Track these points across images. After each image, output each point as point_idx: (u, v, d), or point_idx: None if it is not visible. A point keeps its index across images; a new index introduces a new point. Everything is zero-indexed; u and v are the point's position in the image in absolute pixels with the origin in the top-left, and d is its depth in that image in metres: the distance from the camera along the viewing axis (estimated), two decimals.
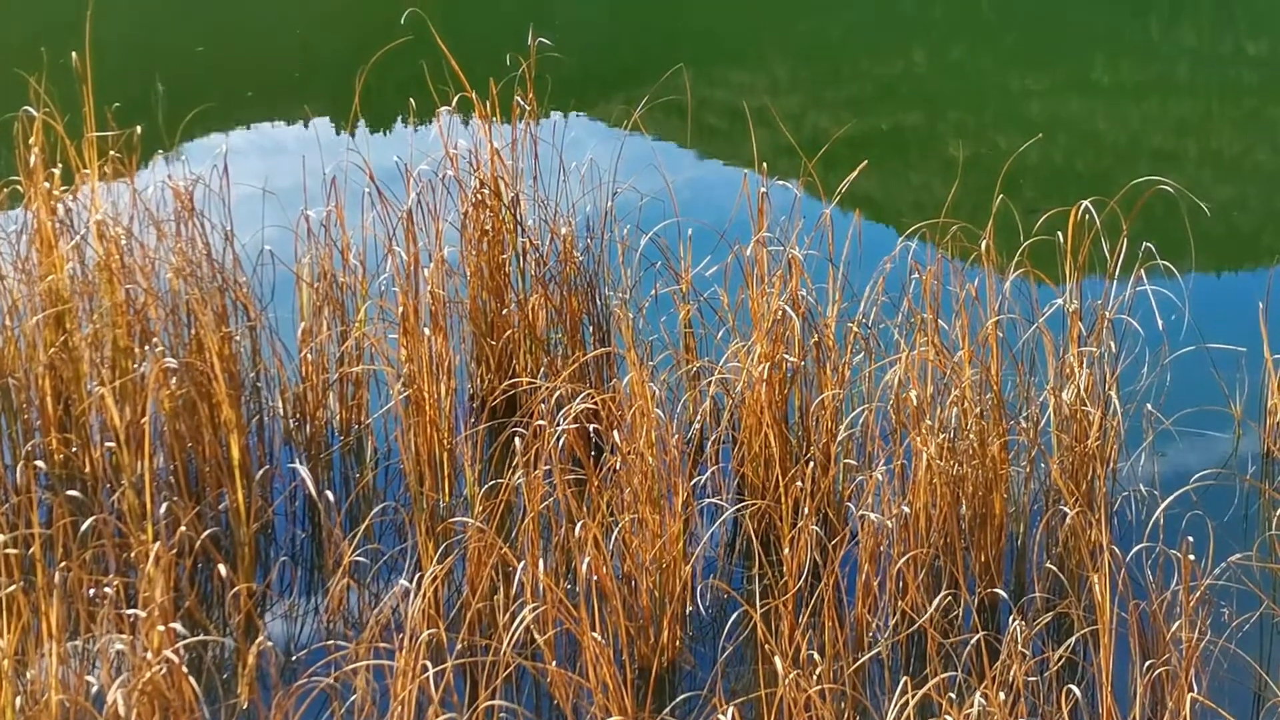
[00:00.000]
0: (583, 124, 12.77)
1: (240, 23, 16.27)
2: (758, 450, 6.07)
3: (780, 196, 6.78)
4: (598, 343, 7.01)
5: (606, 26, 17.36)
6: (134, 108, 7.61)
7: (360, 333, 6.64)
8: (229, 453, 6.02)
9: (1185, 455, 6.60)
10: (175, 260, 6.54)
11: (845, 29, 17.46)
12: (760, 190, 6.47)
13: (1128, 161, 12.93)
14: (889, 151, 13.05)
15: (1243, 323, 6.99)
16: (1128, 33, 16.97)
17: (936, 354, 5.89)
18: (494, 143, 7.03)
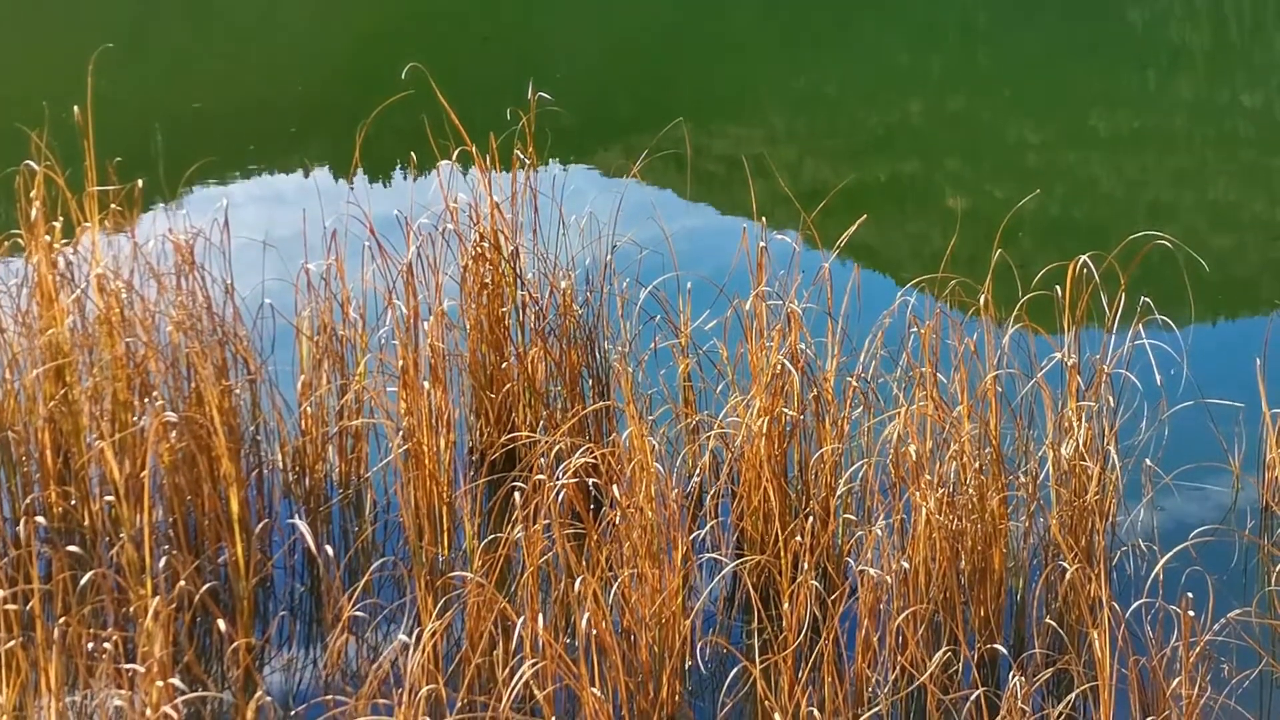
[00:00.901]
0: (582, 174, 12.81)
1: (239, 78, 16.34)
2: (757, 504, 6.08)
3: (779, 247, 6.81)
4: (597, 396, 7.02)
5: (605, 78, 17.42)
6: (135, 161, 7.62)
7: (360, 386, 6.65)
8: (228, 506, 6.02)
9: (1184, 509, 6.60)
10: (175, 313, 6.55)
11: (842, 82, 17.52)
12: (760, 244, 6.49)
13: (1125, 212, 12.97)
14: (886, 201, 13.09)
15: (1241, 374, 7.01)
16: (1124, 84, 17.04)
17: (935, 408, 5.89)
18: (494, 196, 7.05)
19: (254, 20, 19.65)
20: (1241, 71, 17.80)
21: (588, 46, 18.94)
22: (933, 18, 20.54)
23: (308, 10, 20.73)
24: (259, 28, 19.16)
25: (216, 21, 19.55)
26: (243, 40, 18.34)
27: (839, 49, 18.87)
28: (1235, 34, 19.50)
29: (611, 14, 20.64)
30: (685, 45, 18.97)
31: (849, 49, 18.90)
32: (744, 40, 19.38)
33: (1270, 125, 15.64)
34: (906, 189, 13.71)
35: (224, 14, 20.18)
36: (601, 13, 20.77)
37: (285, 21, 19.98)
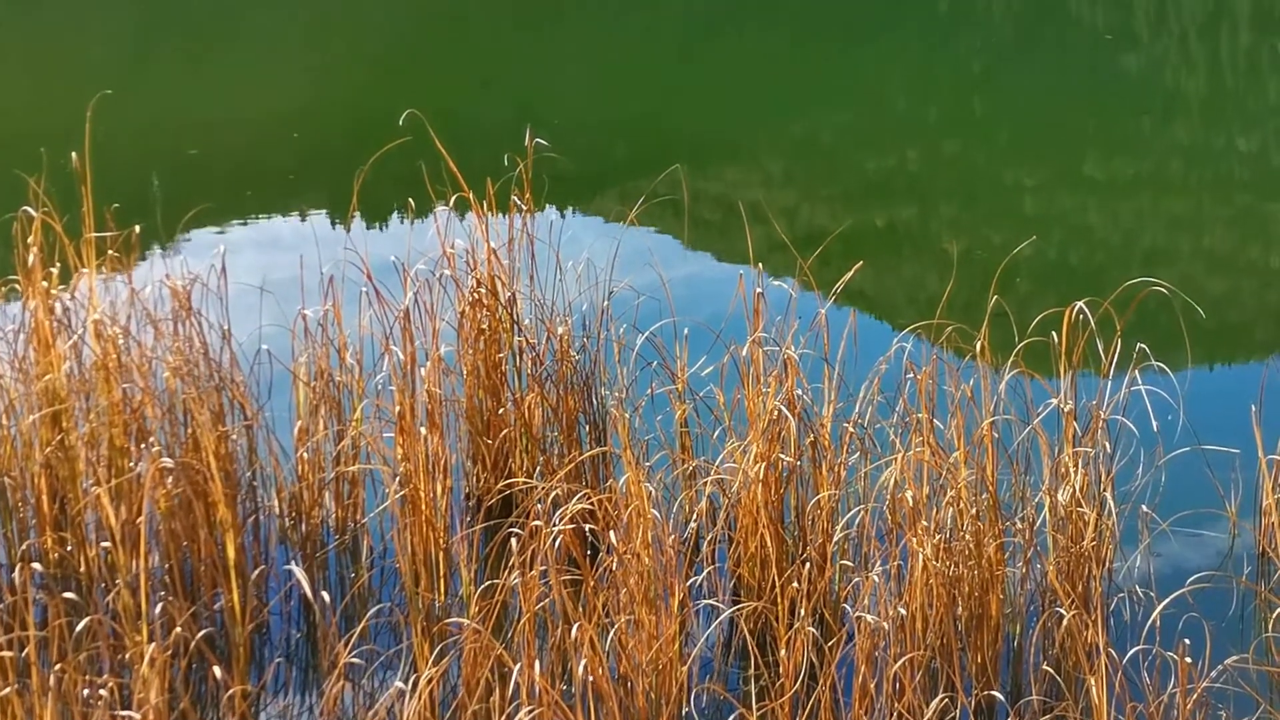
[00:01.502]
0: (579, 220, 12.84)
1: (235, 125, 16.38)
2: (754, 550, 6.08)
3: (776, 293, 6.82)
4: (594, 442, 7.02)
5: (602, 123, 17.47)
6: (132, 207, 7.64)
7: (357, 432, 6.65)
8: (224, 552, 6.01)
9: (1181, 555, 6.60)
10: (172, 359, 6.55)
11: (839, 127, 17.57)
12: (756, 290, 6.50)
13: (1121, 257, 12.99)
14: (883, 246, 13.11)
15: (1237, 420, 7.00)
16: (1120, 129, 17.09)
17: (932, 454, 5.90)
18: (491, 242, 7.07)
19: (251, 66, 19.71)
20: (1237, 117, 17.86)
21: (585, 91, 19.00)
22: (929, 64, 20.62)
23: (305, 55, 20.80)
24: (256, 73, 19.23)
25: (213, 67, 19.61)
26: (239, 86, 18.39)
27: (836, 94, 18.92)
28: (1230, 79, 19.59)
29: (609, 59, 20.71)
30: (682, 90, 19.04)
31: (846, 94, 18.96)
32: (741, 85, 19.46)
33: (1266, 170, 15.69)
34: (903, 234, 13.74)
35: (220, 60, 20.24)
36: (599, 58, 20.85)
37: (282, 66, 20.05)
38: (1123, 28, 22.56)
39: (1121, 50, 21.26)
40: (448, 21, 22.93)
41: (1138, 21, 23.02)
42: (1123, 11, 23.75)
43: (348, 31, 22.53)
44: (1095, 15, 23.44)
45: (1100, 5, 24.06)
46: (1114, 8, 23.99)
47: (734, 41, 21.87)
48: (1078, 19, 23.51)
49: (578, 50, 21.28)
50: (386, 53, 20.91)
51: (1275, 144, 16.65)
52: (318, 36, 22.20)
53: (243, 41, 21.57)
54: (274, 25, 22.94)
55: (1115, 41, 21.66)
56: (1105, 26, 22.68)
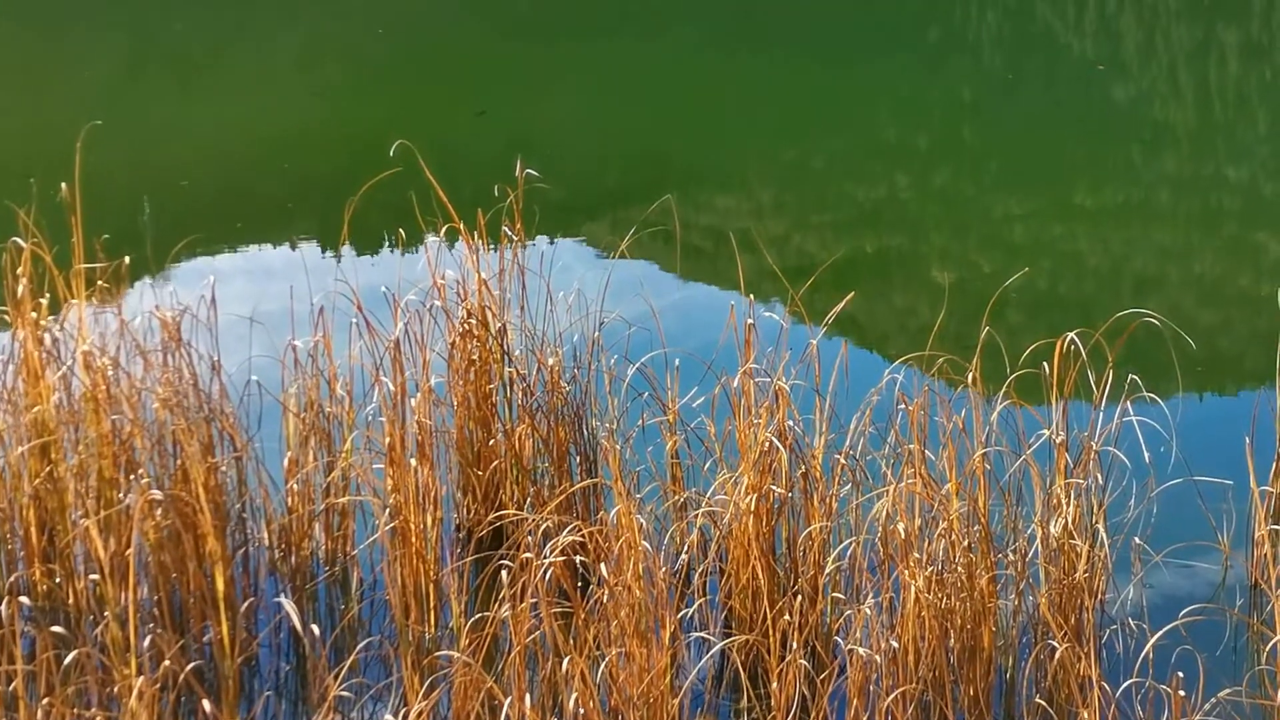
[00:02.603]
0: (570, 248, 12.83)
1: (227, 155, 16.36)
2: (745, 582, 6.06)
3: (767, 324, 6.81)
4: (584, 473, 7.01)
5: (593, 151, 17.48)
6: (122, 237, 7.63)
7: (347, 463, 6.63)
8: (214, 584, 5.99)
9: (1173, 586, 6.59)
10: (162, 390, 6.53)
11: (829, 156, 17.58)
12: (747, 321, 6.50)
13: (1111, 286, 13.00)
14: (873, 275, 13.10)
15: (1228, 450, 6.99)
16: (1109, 158, 17.11)
17: (924, 486, 5.89)
18: (481, 273, 7.06)
19: (241, 95, 19.71)
20: (1226, 146, 17.90)
21: (576, 118, 19.01)
22: (919, 92, 20.65)
23: (296, 83, 20.80)
24: (246, 102, 19.22)
25: (203, 97, 19.60)
26: (230, 116, 18.37)
27: (826, 122, 18.94)
28: (1219, 110, 19.64)
29: (600, 87, 20.73)
30: (673, 118, 19.06)
31: (836, 122, 18.98)
32: (731, 113, 19.47)
33: (1255, 199, 15.72)
34: (894, 263, 13.73)
35: (211, 89, 20.24)
36: (590, 85, 20.87)
37: (273, 95, 20.06)
38: (1112, 57, 22.60)
39: (1111, 81, 21.30)
40: (437, 48, 22.94)
41: (1126, 51, 23.07)
42: (1111, 41, 23.81)
43: (339, 59, 22.55)
44: (1084, 45, 23.50)
45: (1089, 35, 24.12)
46: (1103, 37, 24.06)
47: (724, 69, 21.89)
48: (1066, 48, 23.58)
49: (569, 77, 21.29)
50: (378, 80, 20.92)
51: (1264, 174, 16.68)
52: (309, 64, 22.21)
53: (233, 70, 21.57)
54: (264, 54, 22.96)
55: (1106, 71, 21.69)
56: (1095, 56, 22.74)
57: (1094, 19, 25.42)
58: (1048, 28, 25.11)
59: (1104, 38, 24.09)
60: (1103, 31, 24.57)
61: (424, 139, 7.84)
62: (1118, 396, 6.31)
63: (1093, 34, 24.21)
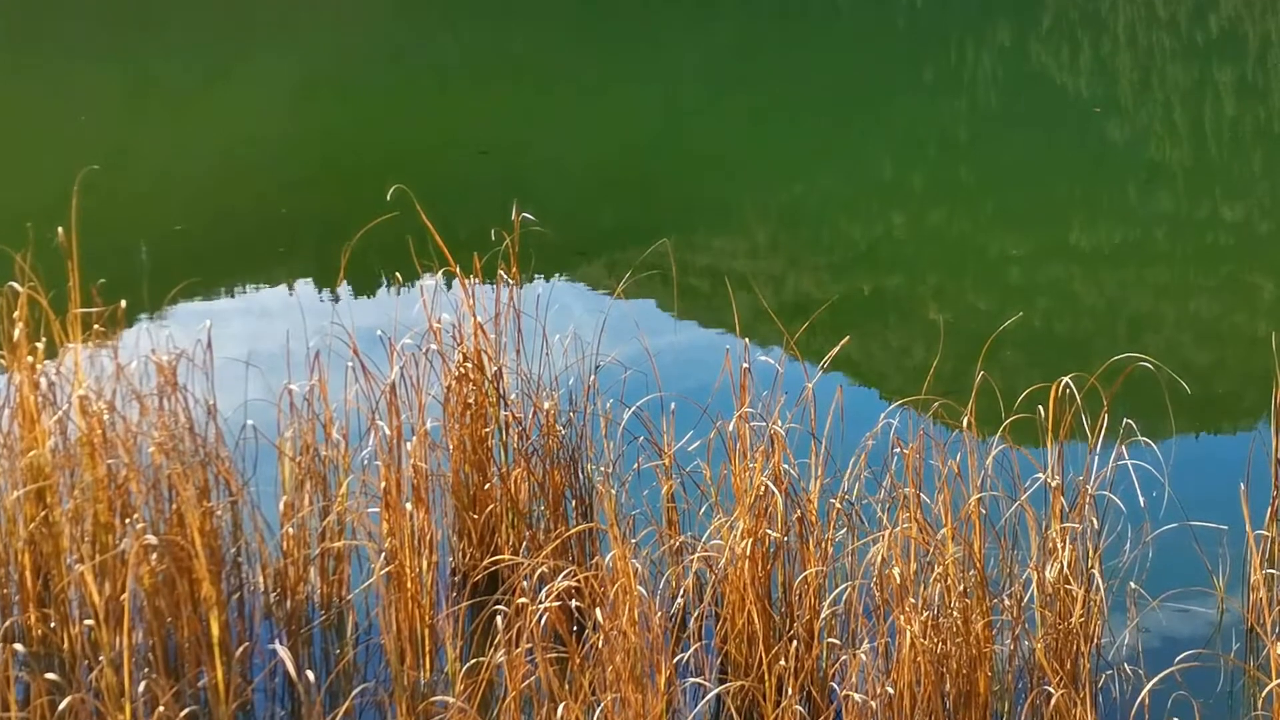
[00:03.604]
0: (566, 288, 12.85)
1: (223, 198, 16.38)
2: (741, 627, 6.05)
3: (763, 367, 6.81)
4: (580, 517, 7.00)
5: (589, 190, 17.52)
6: (119, 281, 7.64)
7: (342, 507, 6.63)
8: (209, 629, 5.98)
9: (1169, 630, 6.58)
10: (157, 434, 6.53)
11: (825, 195, 17.62)
12: (743, 365, 6.50)
13: (1107, 326, 13.02)
14: (869, 314, 13.12)
15: (1224, 492, 7.00)
16: (1105, 198, 17.15)
17: (919, 530, 5.88)
18: (477, 316, 7.07)
19: (238, 135, 19.75)
20: (1221, 186, 17.94)
21: (573, 158, 19.06)
22: (914, 132, 20.71)
23: (293, 121, 20.84)
24: (243, 144, 19.26)
25: (200, 138, 19.64)
26: (226, 157, 18.41)
27: (822, 162, 19.00)
28: (1214, 150, 19.69)
29: (597, 127, 20.78)
30: (669, 158, 19.12)
31: (832, 163, 19.04)
32: (727, 153, 19.52)
33: (1250, 239, 15.75)
34: (890, 302, 13.75)
35: (207, 130, 20.27)
36: (587, 125, 20.92)
37: (270, 134, 20.09)
38: (1107, 97, 22.68)
39: (1106, 121, 21.35)
40: (432, 85, 23.01)
41: (1122, 91, 23.15)
42: (1107, 81, 23.90)
43: (336, 95, 22.60)
44: (1079, 85, 23.58)
45: (1084, 75, 24.21)
46: (1098, 77, 24.15)
47: (720, 108, 21.96)
48: (1062, 88, 23.65)
49: (564, 116, 21.35)
50: (375, 118, 20.96)
51: (1259, 213, 16.71)
52: (305, 103, 22.26)
53: (230, 109, 21.61)
54: (261, 93, 23.00)
55: (1103, 113, 21.76)
56: (1090, 96, 22.81)
57: (1089, 59, 25.51)
58: (1042, 68, 25.20)
59: (1099, 78, 24.18)
60: (1098, 72, 24.66)
61: (421, 178, 7.86)
62: (1113, 438, 6.31)
63: (1088, 74, 24.30)
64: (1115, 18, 29.16)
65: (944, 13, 29.85)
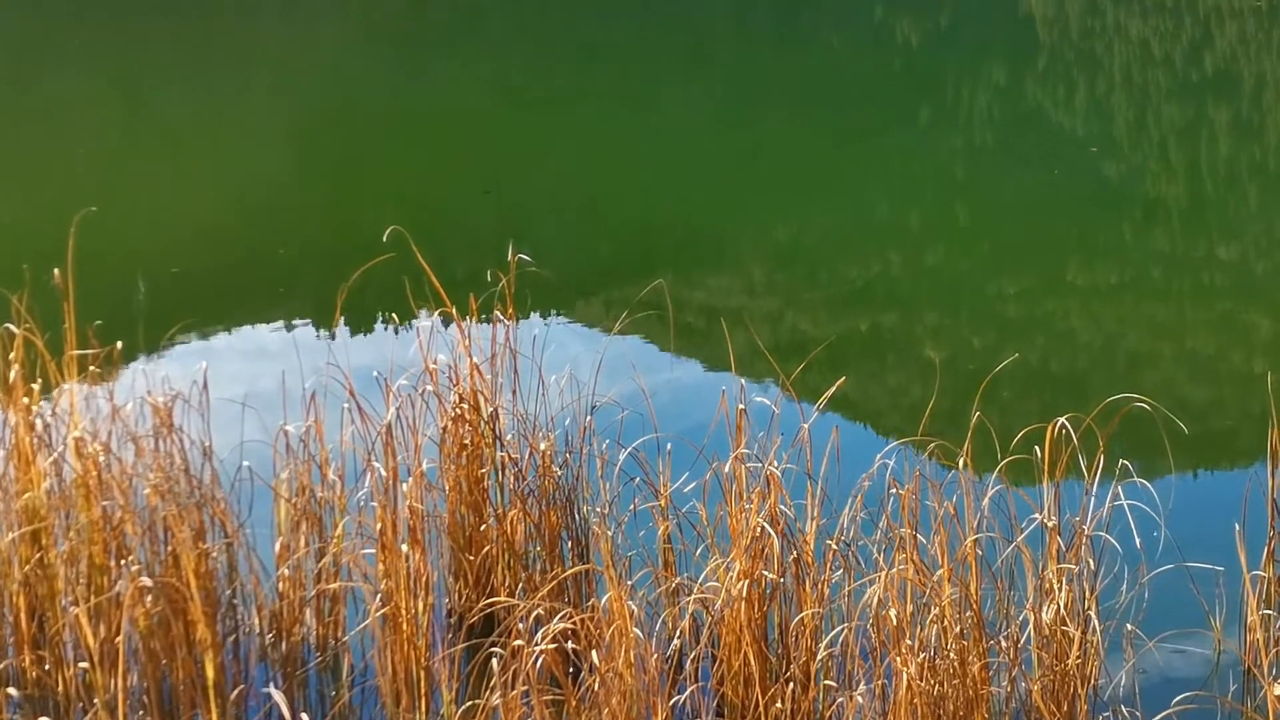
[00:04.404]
0: (563, 327, 12.85)
1: (219, 238, 16.38)
2: (737, 669, 6.04)
3: (759, 407, 6.81)
4: (576, 558, 7.00)
5: (585, 229, 17.54)
6: (115, 322, 7.64)
7: (338, 548, 6.62)
8: (203, 672, 5.97)
9: (1166, 671, 6.57)
10: (153, 476, 6.53)
11: (821, 234, 17.64)
12: (739, 407, 6.50)
13: (1103, 364, 13.02)
14: (866, 352, 13.13)
15: (1220, 532, 6.99)
16: (1101, 237, 17.18)
17: (916, 572, 5.88)
18: (473, 357, 7.07)
19: (234, 176, 19.77)
20: (1217, 225, 17.97)
21: (571, 197, 19.09)
22: (911, 171, 20.75)
23: (295, 166, 20.88)
24: (240, 185, 19.28)
25: (199, 181, 19.65)
26: (223, 198, 18.43)
27: (819, 201, 19.03)
28: (1210, 188, 19.73)
29: (594, 166, 20.83)
30: (666, 196, 19.15)
31: (828, 201, 19.06)
32: (723, 190, 19.56)
33: (1246, 277, 15.77)
34: (886, 340, 13.76)
35: (206, 172, 20.29)
36: (584, 164, 20.97)
37: (267, 175, 20.13)
38: (1103, 136, 22.73)
39: (1102, 159, 21.40)
40: (430, 125, 23.04)
41: (1118, 130, 23.21)
42: (1102, 120, 23.96)
43: (335, 134, 22.65)
44: (1075, 124, 23.64)
45: (1080, 113, 24.28)
46: (1094, 116, 24.21)
47: (716, 147, 22.01)
48: (1058, 127, 23.72)
49: (561, 154, 21.39)
50: (374, 158, 20.99)
51: (1255, 251, 16.74)
52: (305, 141, 22.31)
53: (228, 149, 21.64)
54: (260, 133, 23.05)
55: (1100, 152, 21.80)
56: (1085, 135, 22.87)
57: (1084, 98, 25.58)
58: (1038, 107, 25.28)
59: (1095, 117, 24.25)
60: (1094, 111, 24.72)
61: (419, 217, 7.88)
62: (1110, 478, 6.31)
63: (1084, 113, 24.37)
64: (1111, 57, 29.27)
65: (940, 52, 29.96)
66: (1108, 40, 30.94)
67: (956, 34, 32.21)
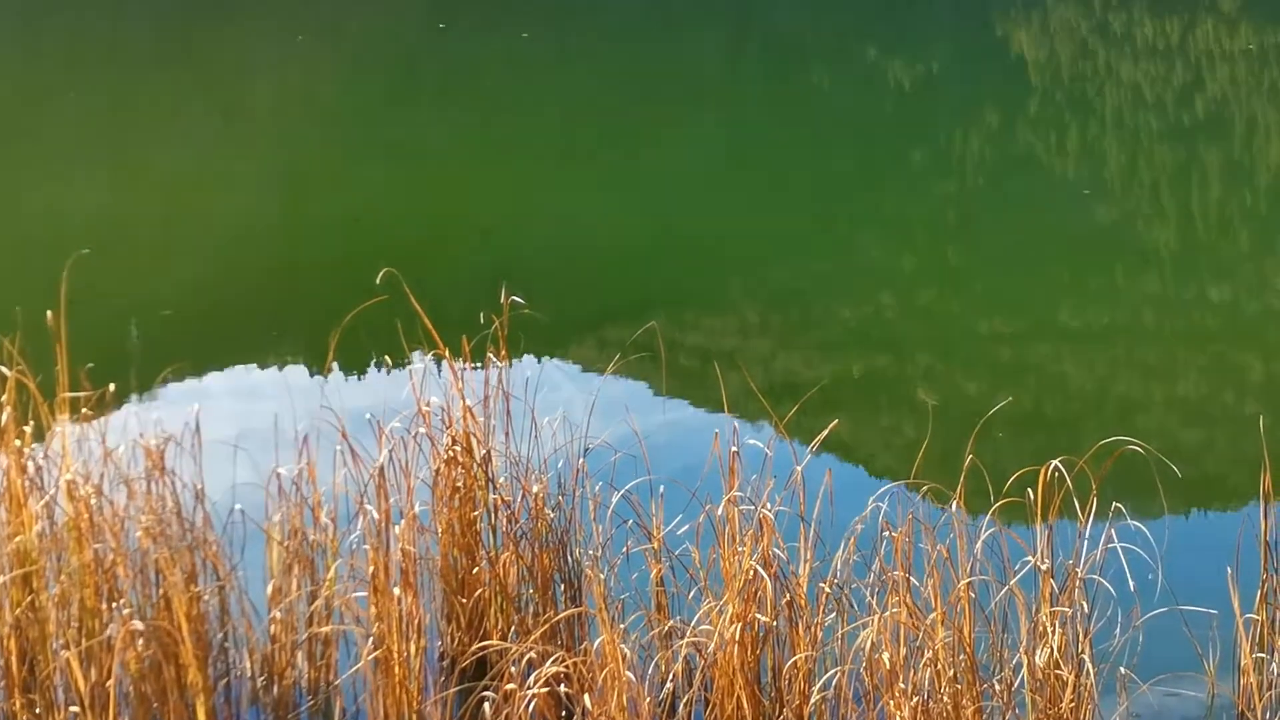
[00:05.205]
0: (556, 368, 12.84)
1: (215, 284, 16.38)
2: (730, 712, 6.03)
3: (752, 450, 6.81)
4: (569, 601, 6.99)
5: (579, 272, 17.56)
6: (109, 363, 7.64)
7: (330, 591, 6.61)
8: (195, 715, 5.95)
9: (1160, 715, 6.58)
10: (145, 518, 6.52)
11: (815, 277, 17.64)
12: (732, 449, 6.50)
13: (1096, 406, 13.03)
14: (859, 394, 13.13)
15: (1214, 574, 6.98)
16: (1093, 279, 17.20)
17: (909, 615, 5.87)
18: (466, 399, 7.07)
19: (233, 221, 19.77)
20: (1209, 267, 18.01)
21: (565, 239, 19.10)
22: (903, 213, 20.77)
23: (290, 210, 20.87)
24: (237, 228, 19.28)
25: (192, 225, 19.63)
26: (217, 240, 18.43)
27: (811, 242, 19.04)
28: (1202, 230, 19.76)
29: (587, 208, 20.84)
30: (660, 237, 19.16)
31: (821, 243, 19.08)
32: (716, 233, 19.57)
33: (1238, 320, 15.80)
34: (879, 382, 13.77)
35: (199, 214, 20.28)
36: (577, 207, 20.99)
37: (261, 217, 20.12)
38: (1094, 179, 22.77)
39: (1093, 202, 21.43)
40: (424, 169, 23.05)
41: (1109, 173, 23.25)
42: (1094, 163, 24.00)
43: (329, 179, 22.66)
44: (1066, 167, 23.69)
45: (1072, 157, 24.33)
46: (1085, 159, 24.25)
47: (709, 189, 22.05)
48: (1049, 170, 23.75)
49: (557, 199, 21.42)
50: (368, 201, 21.00)
51: (1246, 294, 16.77)
52: (299, 185, 22.33)
53: (220, 193, 21.64)
54: (254, 177, 23.06)
55: (1091, 195, 21.84)
56: (1076, 178, 22.91)
57: (1076, 142, 25.66)
58: (1030, 151, 25.32)
59: (1086, 160, 24.30)
60: (1085, 154, 24.78)
61: (413, 258, 7.89)
62: (1103, 520, 6.31)
63: (1075, 157, 24.43)
64: (1102, 101, 29.36)
65: (932, 96, 30.02)
66: (1099, 83, 31.05)
67: (948, 77, 32.30)
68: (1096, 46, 34.71)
